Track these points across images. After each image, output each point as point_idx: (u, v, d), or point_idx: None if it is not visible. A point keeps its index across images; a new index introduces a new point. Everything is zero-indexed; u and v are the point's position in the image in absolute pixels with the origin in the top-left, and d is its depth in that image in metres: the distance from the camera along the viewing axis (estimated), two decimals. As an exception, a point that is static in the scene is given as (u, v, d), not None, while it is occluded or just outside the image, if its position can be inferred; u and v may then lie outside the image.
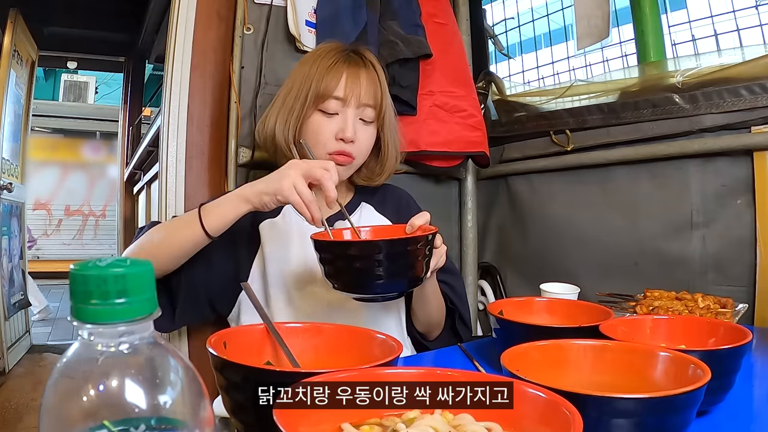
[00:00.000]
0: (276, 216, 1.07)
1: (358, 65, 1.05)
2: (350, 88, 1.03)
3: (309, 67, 1.05)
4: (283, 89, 1.10)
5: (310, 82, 1.03)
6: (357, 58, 1.07)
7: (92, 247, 7.57)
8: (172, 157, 1.43)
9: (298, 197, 0.85)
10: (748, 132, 1.28)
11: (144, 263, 0.32)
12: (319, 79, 1.02)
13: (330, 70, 1.03)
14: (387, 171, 1.14)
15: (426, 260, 0.83)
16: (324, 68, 1.03)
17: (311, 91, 1.03)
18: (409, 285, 0.84)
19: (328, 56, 1.05)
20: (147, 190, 3.94)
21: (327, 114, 1.03)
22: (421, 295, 1.06)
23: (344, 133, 1.02)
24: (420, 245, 0.80)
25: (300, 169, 0.86)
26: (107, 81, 8.18)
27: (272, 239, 1.04)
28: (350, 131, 1.02)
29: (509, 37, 2.22)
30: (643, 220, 1.48)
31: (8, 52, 3.19)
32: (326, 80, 1.02)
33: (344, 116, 1.03)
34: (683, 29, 1.71)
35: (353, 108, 1.03)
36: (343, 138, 1.02)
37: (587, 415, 0.41)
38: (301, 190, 0.85)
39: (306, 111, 1.03)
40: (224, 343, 0.63)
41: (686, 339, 0.75)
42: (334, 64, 1.04)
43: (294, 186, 0.85)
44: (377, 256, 0.77)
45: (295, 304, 1.01)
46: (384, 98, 1.07)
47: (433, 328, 1.13)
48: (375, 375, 0.50)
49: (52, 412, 0.31)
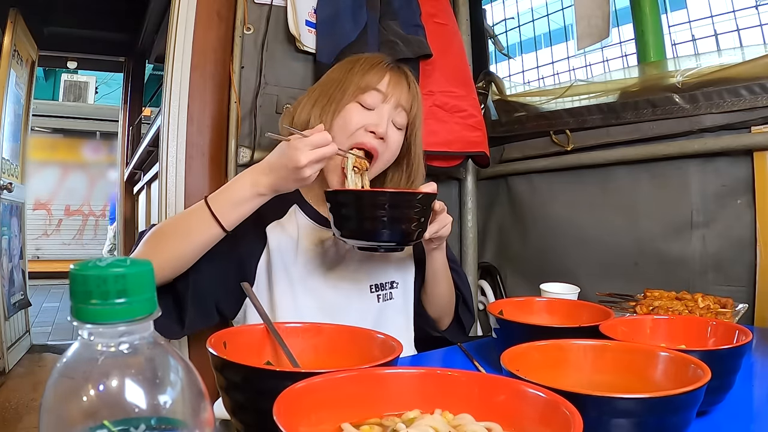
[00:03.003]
0: (282, 217, 1.07)
1: (401, 74, 1.08)
2: (393, 87, 1.05)
3: (352, 64, 1.07)
4: (322, 80, 1.10)
5: (352, 77, 1.05)
6: (401, 69, 1.09)
7: (92, 247, 7.59)
8: (172, 157, 1.43)
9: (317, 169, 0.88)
10: (748, 132, 1.28)
11: (144, 263, 0.32)
12: (363, 74, 1.04)
13: (374, 68, 1.05)
14: (415, 184, 1.14)
15: (423, 218, 0.91)
16: (368, 66, 1.06)
17: (353, 83, 1.04)
18: (407, 237, 0.90)
19: (372, 58, 1.08)
20: (147, 190, 3.94)
21: (364, 106, 1.04)
22: (432, 270, 1.08)
23: (377, 128, 1.02)
24: (418, 200, 0.89)
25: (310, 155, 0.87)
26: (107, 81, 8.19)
27: (279, 241, 1.04)
28: (383, 126, 1.02)
29: (509, 37, 2.22)
30: (643, 220, 1.48)
31: (8, 52, 3.20)
32: (370, 75, 1.04)
33: (380, 112, 1.04)
34: (683, 29, 1.71)
35: (391, 106, 1.04)
36: (374, 131, 1.02)
37: (587, 415, 0.41)
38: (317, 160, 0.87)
39: (344, 100, 1.04)
40: (224, 343, 0.63)
41: (686, 339, 0.75)
42: (379, 64, 1.06)
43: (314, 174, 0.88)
44: (380, 204, 0.86)
45: (301, 306, 1.01)
46: (419, 111, 1.10)
47: (444, 312, 1.15)
48: (375, 375, 0.50)
49: (52, 412, 0.31)
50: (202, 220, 0.90)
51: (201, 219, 0.90)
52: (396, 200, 0.88)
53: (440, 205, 0.98)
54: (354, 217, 0.89)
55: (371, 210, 0.87)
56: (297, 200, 1.09)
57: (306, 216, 1.08)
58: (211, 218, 0.89)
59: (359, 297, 1.05)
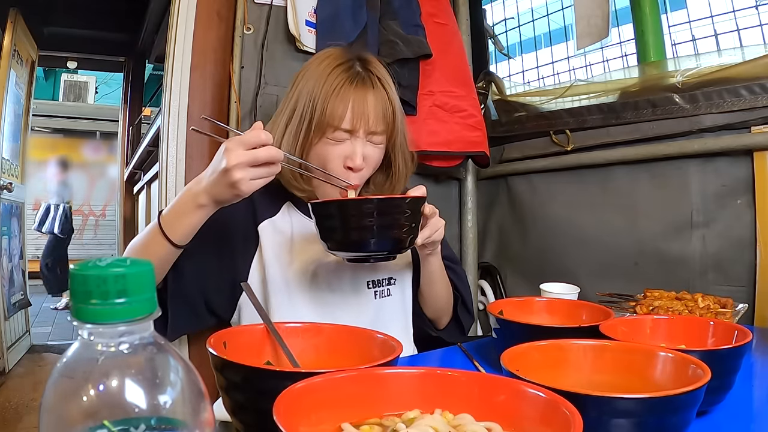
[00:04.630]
0: (275, 215, 1.06)
1: (365, 86, 0.99)
2: (357, 118, 0.98)
3: (313, 85, 0.99)
4: (287, 107, 1.03)
5: (314, 106, 0.98)
6: (364, 75, 1.00)
7: (92, 247, 7.58)
8: (172, 157, 1.43)
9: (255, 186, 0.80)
10: (748, 132, 1.28)
11: (144, 263, 0.32)
12: (323, 105, 0.97)
13: (336, 96, 0.97)
14: (397, 188, 1.11)
15: (414, 224, 0.87)
16: (329, 91, 0.97)
17: (316, 117, 0.98)
18: (398, 245, 0.87)
19: (333, 75, 0.99)
20: (147, 190, 3.94)
21: (334, 142, 0.99)
22: (427, 273, 1.06)
23: (353, 162, 0.99)
24: (407, 205, 0.85)
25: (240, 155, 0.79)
26: (107, 81, 8.19)
27: (272, 240, 1.03)
28: (359, 159, 0.99)
29: (509, 37, 2.22)
30: (643, 220, 1.48)
31: (8, 52, 3.20)
32: (332, 107, 0.97)
33: (353, 144, 0.99)
34: (683, 29, 1.71)
35: (362, 136, 0.99)
36: (351, 166, 0.99)
37: (587, 415, 0.41)
38: (254, 176, 0.79)
39: (312, 138, 1.00)
40: (224, 343, 0.63)
41: (686, 339, 0.75)
42: (340, 87, 0.98)
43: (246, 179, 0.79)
44: (367, 212, 0.82)
45: (297, 305, 1.00)
46: (395, 116, 1.03)
47: (442, 312, 1.14)
48: (375, 375, 0.50)
49: (52, 412, 0.31)
50: (156, 239, 0.87)
51: (154, 237, 0.87)
52: (383, 207, 0.83)
53: (431, 209, 0.94)
54: (340, 228, 0.84)
55: (358, 219, 0.82)
56: (290, 196, 1.08)
57: (300, 211, 1.07)
58: (161, 235, 0.86)
59: (356, 294, 1.05)
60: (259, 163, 0.80)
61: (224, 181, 0.80)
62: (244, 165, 0.79)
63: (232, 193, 0.81)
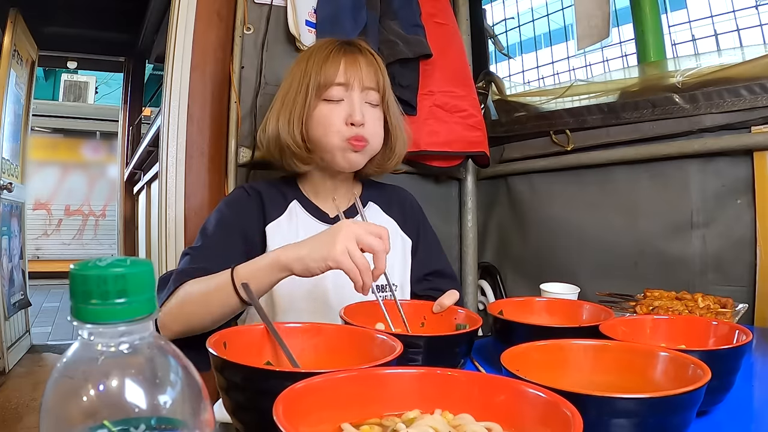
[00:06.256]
0: (281, 215, 1.07)
1: (355, 52, 1.05)
2: (350, 72, 1.02)
3: (306, 63, 1.05)
4: (280, 91, 1.09)
5: (308, 76, 1.03)
6: (352, 46, 1.07)
7: (92, 247, 7.58)
8: (172, 157, 1.43)
9: (353, 264, 0.79)
10: (748, 132, 1.28)
11: (144, 263, 0.32)
12: (318, 70, 1.02)
13: (327, 60, 1.03)
14: (397, 155, 1.12)
15: (466, 348, 0.77)
16: (321, 59, 1.03)
17: (311, 83, 1.02)
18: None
19: (322, 48, 1.05)
20: (147, 190, 3.94)
21: (332, 102, 1.02)
22: None
23: (353, 117, 1.01)
24: (463, 340, 0.76)
25: (353, 234, 0.80)
26: (107, 81, 8.18)
27: (278, 242, 1.03)
28: (359, 114, 1.01)
29: (509, 37, 2.22)
30: (643, 220, 1.48)
31: (8, 52, 3.19)
32: (325, 70, 1.02)
33: (350, 100, 1.02)
34: (683, 29, 1.71)
35: (357, 91, 1.03)
36: (353, 122, 1.01)
37: (587, 415, 0.41)
38: (355, 255, 0.79)
39: (310, 104, 1.02)
40: (224, 343, 0.63)
41: (686, 339, 0.75)
42: (330, 53, 1.03)
43: (348, 252, 0.79)
44: (418, 350, 0.72)
45: (302, 307, 1.01)
46: (385, 81, 1.07)
47: None
48: (375, 375, 0.50)
49: (52, 412, 0.31)
50: (223, 287, 0.86)
51: (222, 285, 0.86)
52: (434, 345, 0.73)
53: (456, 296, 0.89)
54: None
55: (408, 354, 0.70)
56: (296, 195, 1.09)
57: (306, 212, 1.08)
58: (230, 285, 0.85)
59: (361, 299, 1.05)
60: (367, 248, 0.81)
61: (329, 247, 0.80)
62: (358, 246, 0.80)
63: (321, 263, 0.81)
